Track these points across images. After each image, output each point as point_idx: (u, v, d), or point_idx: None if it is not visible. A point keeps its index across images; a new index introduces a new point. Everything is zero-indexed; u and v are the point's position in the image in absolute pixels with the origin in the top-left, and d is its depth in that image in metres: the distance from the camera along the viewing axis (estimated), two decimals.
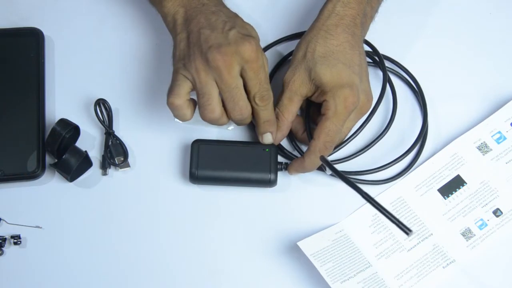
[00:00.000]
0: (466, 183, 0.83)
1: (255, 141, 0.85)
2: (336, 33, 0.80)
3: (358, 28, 0.81)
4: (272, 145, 0.83)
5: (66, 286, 0.81)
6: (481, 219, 0.82)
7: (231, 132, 0.86)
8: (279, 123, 0.82)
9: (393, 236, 0.82)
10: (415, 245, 0.81)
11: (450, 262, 0.80)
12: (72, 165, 0.82)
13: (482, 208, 0.82)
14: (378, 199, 0.83)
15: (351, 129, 0.82)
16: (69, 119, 0.84)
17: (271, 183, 0.83)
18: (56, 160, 0.83)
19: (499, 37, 0.91)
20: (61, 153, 0.82)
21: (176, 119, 0.80)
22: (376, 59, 0.87)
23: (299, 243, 0.78)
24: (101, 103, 0.86)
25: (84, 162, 0.84)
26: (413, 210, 0.83)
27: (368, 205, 0.82)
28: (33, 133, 0.84)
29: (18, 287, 0.80)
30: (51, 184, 0.84)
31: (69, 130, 0.83)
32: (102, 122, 0.85)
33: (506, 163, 0.84)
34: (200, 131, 0.86)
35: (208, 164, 0.82)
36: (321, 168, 0.83)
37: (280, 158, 0.85)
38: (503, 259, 0.81)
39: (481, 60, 0.90)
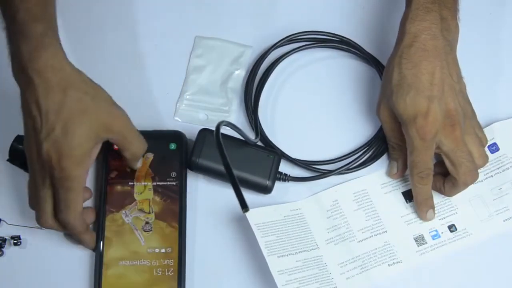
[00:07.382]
0: None
1: (264, 146, 0.84)
2: (409, 55, 0.76)
3: (438, 39, 0.77)
4: (275, 153, 0.82)
5: (66, 287, 0.79)
6: (436, 230, 0.82)
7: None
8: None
9: (347, 225, 0.82)
10: (366, 238, 0.81)
11: (397, 262, 0.80)
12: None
13: (439, 220, 0.83)
14: (344, 186, 0.84)
15: (464, 144, 0.78)
16: None
17: (267, 189, 0.81)
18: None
19: (499, 36, 0.91)
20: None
21: (175, 117, 0.81)
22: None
23: (247, 213, 0.73)
24: None
25: None
26: (374, 204, 0.83)
27: (331, 190, 0.84)
28: None
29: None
30: None
31: None
32: None
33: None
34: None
35: (209, 155, 0.80)
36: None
37: (285, 169, 0.84)
38: (447, 273, 0.81)
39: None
